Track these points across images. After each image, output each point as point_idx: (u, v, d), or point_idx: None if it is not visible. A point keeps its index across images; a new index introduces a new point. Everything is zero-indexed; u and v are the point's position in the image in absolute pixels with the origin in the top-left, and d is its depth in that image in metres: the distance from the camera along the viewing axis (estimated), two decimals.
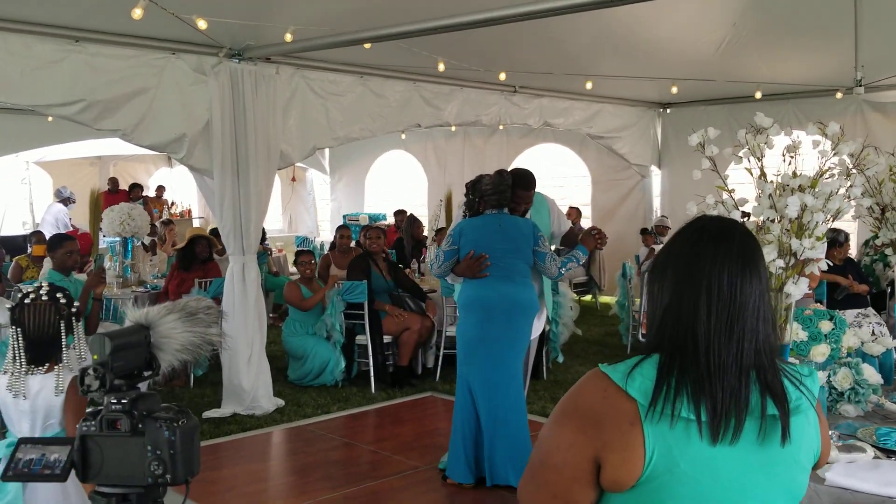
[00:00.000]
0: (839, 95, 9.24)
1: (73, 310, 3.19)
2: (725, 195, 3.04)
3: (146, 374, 1.58)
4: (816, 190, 2.91)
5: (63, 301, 3.17)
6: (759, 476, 1.63)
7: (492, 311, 5.32)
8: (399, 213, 13.09)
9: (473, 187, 5.54)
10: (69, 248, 6.49)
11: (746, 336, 1.63)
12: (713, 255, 1.67)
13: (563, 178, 14.66)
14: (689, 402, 1.59)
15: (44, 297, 3.15)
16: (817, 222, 2.89)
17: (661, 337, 1.68)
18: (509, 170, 5.73)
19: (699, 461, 1.59)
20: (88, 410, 1.53)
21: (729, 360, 1.62)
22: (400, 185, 16.17)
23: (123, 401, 1.51)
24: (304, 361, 8.06)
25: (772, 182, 2.98)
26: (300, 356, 8.09)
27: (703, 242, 1.69)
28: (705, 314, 1.63)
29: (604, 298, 12.55)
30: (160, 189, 16.46)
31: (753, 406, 1.62)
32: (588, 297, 12.55)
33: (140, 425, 1.50)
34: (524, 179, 5.57)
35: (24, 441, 1.54)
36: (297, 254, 8.94)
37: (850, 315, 7.04)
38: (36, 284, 3.26)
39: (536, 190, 5.73)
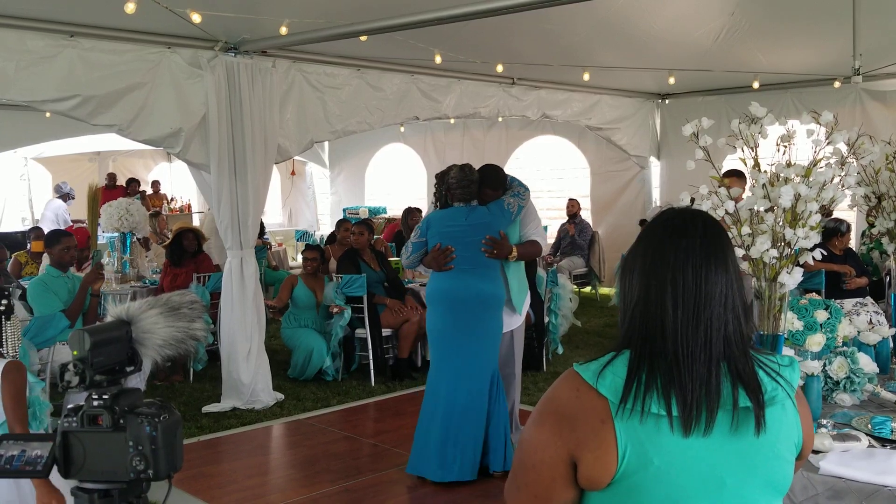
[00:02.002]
0: (837, 84, 9.22)
1: (2, 307, 3.20)
2: (718, 185, 3.02)
3: (129, 369, 1.57)
4: (810, 179, 2.90)
5: None
6: (735, 468, 1.63)
7: (456, 304, 5.34)
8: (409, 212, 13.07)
9: (441, 179, 5.54)
10: (66, 244, 6.49)
11: (714, 325, 1.64)
12: (676, 248, 1.68)
13: (562, 170, 14.65)
14: (659, 396, 1.60)
15: None
16: (811, 212, 2.87)
17: (631, 332, 1.69)
18: (504, 166, 5.70)
19: (672, 456, 1.59)
20: (70, 406, 1.53)
21: (697, 349, 1.62)
22: (399, 178, 16.17)
23: (104, 396, 1.50)
24: (293, 353, 8.10)
25: (765, 171, 2.97)
26: (291, 346, 8.15)
27: (666, 236, 1.71)
28: (672, 306, 1.64)
29: (603, 289, 12.56)
30: (156, 184, 16.45)
31: (725, 397, 1.62)
32: (587, 289, 12.56)
33: (122, 421, 1.49)
34: (493, 179, 5.49)
35: (4, 437, 1.54)
36: (305, 248, 8.91)
37: (848, 304, 7.05)
38: None
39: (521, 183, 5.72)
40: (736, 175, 7.49)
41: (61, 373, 1.49)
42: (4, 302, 3.21)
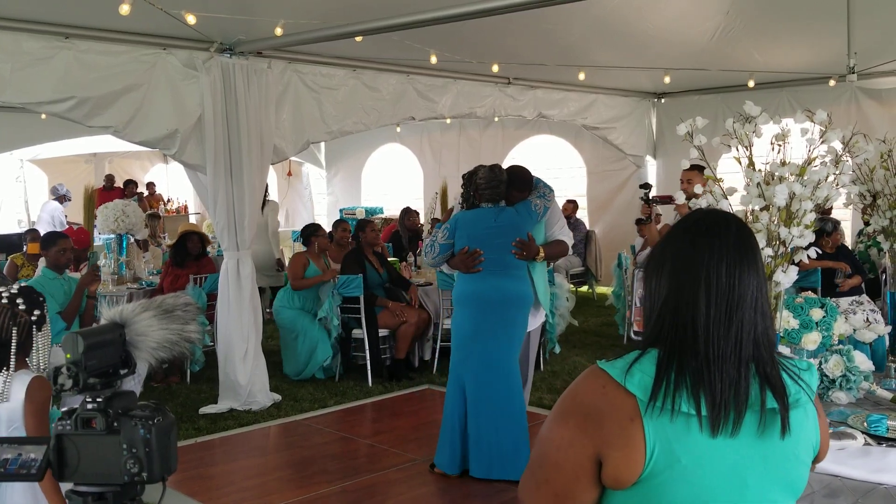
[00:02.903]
0: (832, 83, 9.23)
1: (34, 318, 3.08)
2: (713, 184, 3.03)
3: (122, 372, 1.57)
4: (805, 178, 2.90)
5: (22, 307, 3.06)
6: (758, 469, 1.63)
7: (486, 306, 5.34)
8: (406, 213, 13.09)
9: (469, 179, 5.54)
10: (62, 246, 6.47)
11: (745, 327, 1.63)
12: (710, 247, 1.67)
13: (559, 170, 14.63)
14: (688, 396, 1.59)
15: (3, 301, 3.05)
16: (805, 210, 2.88)
17: (660, 330, 1.67)
18: (507, 165, 5.67)
19: (699, 455, 1.59)
20: (64, 409, 1.53)
21: (728, 350, 1.62)
22: (396, 178, 16.16)
23: (98, 399, 1.51)
24: (294, 342, 8.03)
25: (760, 170, 2.98)
26: (290, 331, 8.08)
27: (700, 235, 1.70)
28: (704, 305, 1.63)
29: (600, 289, 12.56)
30: (151, 186, 16.43)
31: (753, 399, 1.62)
32: (584, 288, 12.57)
33: (115, 423, 1.49)
34: (520, 181, 5.48)
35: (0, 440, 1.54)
36: (307, 229, 8.77)
37: (844, 302, 7.06)
38: (19, 285, 3.18)
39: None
40: (698, 169, 7.55)
41: (55, 376, 1.49)
42: (38, 312, 3.11)
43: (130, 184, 14.93)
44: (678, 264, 1.68)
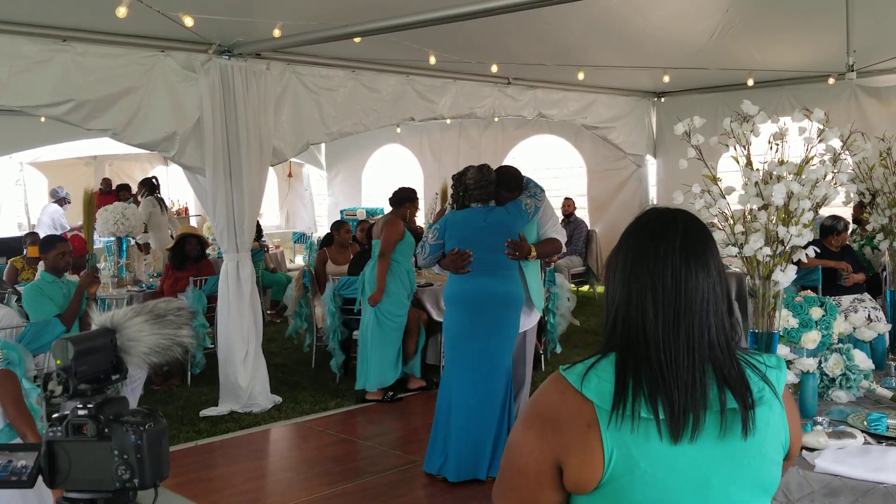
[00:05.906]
0: (832, 81, 9.21)
1: None
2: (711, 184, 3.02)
3: (114, 377, 1.56)
4: (803, 177, 2.89)
5: None
6: (722, 470, 1.62)
7: (474, 306, 5.35)
8: None
9: (458, 180, 5.55)
10: (61, 250, 6.47)
11: (696, 331, 1.62)
12: (655, 252, 1.66)
13: (559, 169, 14.63)
14: (647, 402, 1.58)
15: None
16: (803, 209, 2.87)
17: (614, 336, 1.67)
18: (499, 165, 5.68)
19: (660, 460, 1.58)
20: (55, 416, 1.52)
21: (680, 356, 1.60)
22: (396, 179, 16.14)
23: (89, 405, 1.50)
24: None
25: (758, 170, 2.97)
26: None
27: (645, 239, 1.69)
28: (652, 312, 1.63)
29: (601, 288, 12.52)
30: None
31: (712, 400, 1.61)
32: (585, 288, 12.55)
33: (106, 430, 1.48)
34: (510, 181, 5.51)
35: None
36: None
37: (846, 300, 7.05)
38: None
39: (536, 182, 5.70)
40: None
41: (45, 382, 1.48)
42: None
43: (123, 189, 14.84)
44: (627, 270, 1.68)
